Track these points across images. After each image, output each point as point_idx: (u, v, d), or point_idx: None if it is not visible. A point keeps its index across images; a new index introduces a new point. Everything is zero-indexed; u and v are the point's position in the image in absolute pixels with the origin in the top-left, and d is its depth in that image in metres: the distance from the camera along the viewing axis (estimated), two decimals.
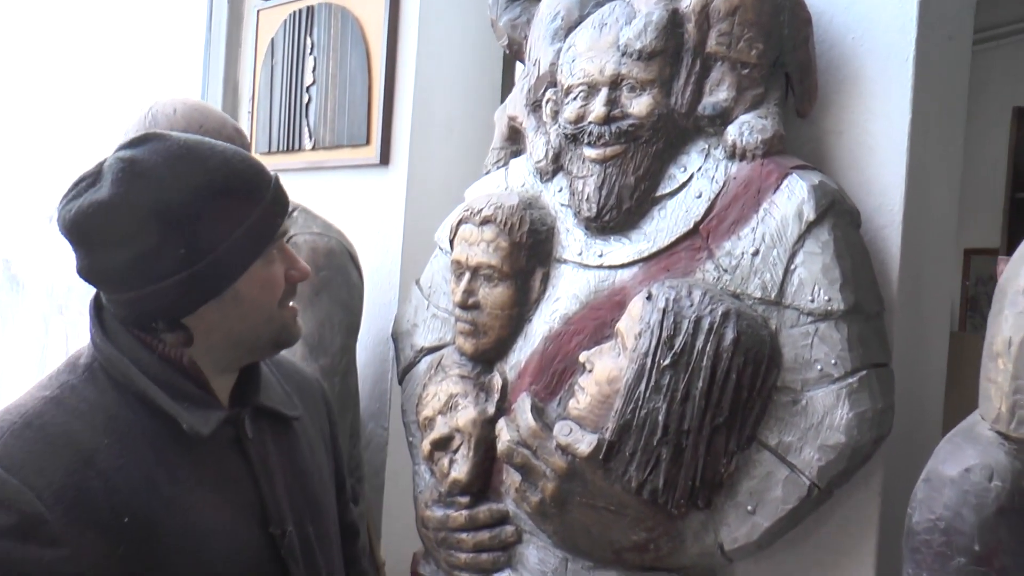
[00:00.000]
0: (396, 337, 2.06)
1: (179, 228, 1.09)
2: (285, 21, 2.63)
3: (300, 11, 2.59)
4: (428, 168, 2.46)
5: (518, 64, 2.14)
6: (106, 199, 1.08)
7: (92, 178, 1.12)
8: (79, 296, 3.36)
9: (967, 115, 1.79)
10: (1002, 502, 1.18)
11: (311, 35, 2.56)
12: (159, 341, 1.15)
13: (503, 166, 1.94)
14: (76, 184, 1.12)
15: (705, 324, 1.47)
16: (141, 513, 1.06)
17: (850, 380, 1.45)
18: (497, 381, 1.77)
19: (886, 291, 1.59)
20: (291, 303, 1.23)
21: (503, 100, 2.63)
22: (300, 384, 1.39)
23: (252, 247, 1.14)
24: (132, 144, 1.13)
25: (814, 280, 1.48)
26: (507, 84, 2.65)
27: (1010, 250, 3.42)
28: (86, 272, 1.15)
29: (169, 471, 1.11)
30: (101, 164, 1.13)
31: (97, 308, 1.20)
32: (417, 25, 2.39)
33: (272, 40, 2.68)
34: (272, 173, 1.19)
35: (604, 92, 1.63)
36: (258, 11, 2.73)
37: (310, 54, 2.56)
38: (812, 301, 1.47)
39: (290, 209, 1.23)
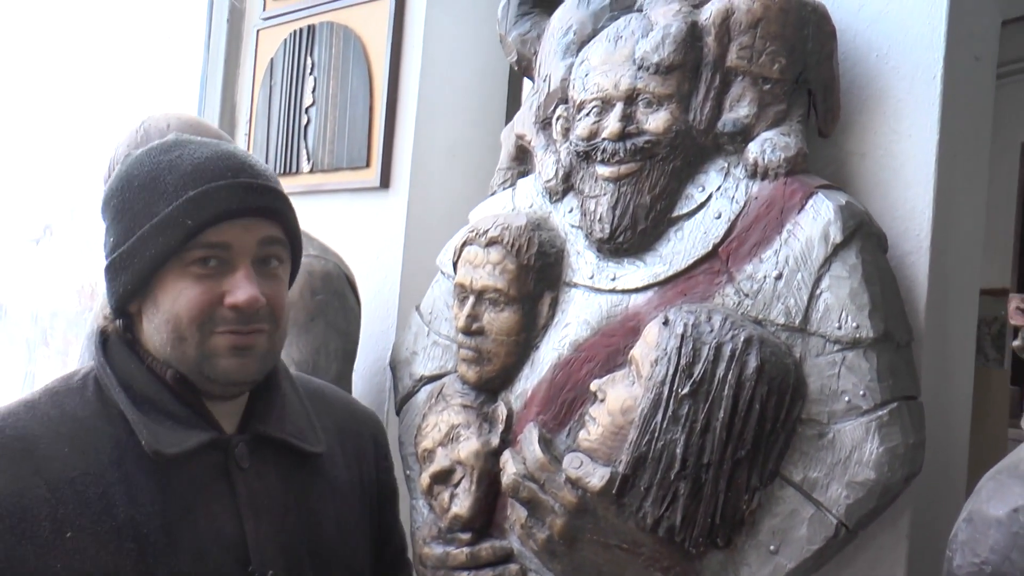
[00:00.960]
0: (394, 366, 1.97)
1: (113, 217, 1.09)
2: (285, 40, 2.57)
3: (301, 30, 2.53)
4: (429, 192, 2.38)
5: (525, 83, 2.08)
6: None
7: None
8: (65, 322, 3.26)
9: None
10: None
11: (312, 55, 2.50)
12: (147, 355, 1.07)
13: (510, 186, 1.86)
14: None
15: (726, 351, 1.38)
16: (88, 531, 0.99)
17: (880, 413, 1.36)
18: (502, 411, 1.68)
19: (912, 320, 1.51)
20: (231, 333, 1.08)
21: (508, 122, 2.58)
22: (344, 421, 1.27)
23: (155, 248, 1.05)
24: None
25: (841, 306, 1.39)
26: (512, 106, 2.58)
27: (1020, 289, 3.37)
28: None
29: (130, 491, 1.03)
30: None
31: (105, 319, 1.17)
32: (421, 45, 2.33)
33: (272, 60, 2.61)
34: (240, 178, 1.08)
35: (619, 107, 1.56)
36: (258, 30, 2.67)
37: (310, 74, 2.50)
38: (839, 328, 1.39)
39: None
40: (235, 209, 1.07)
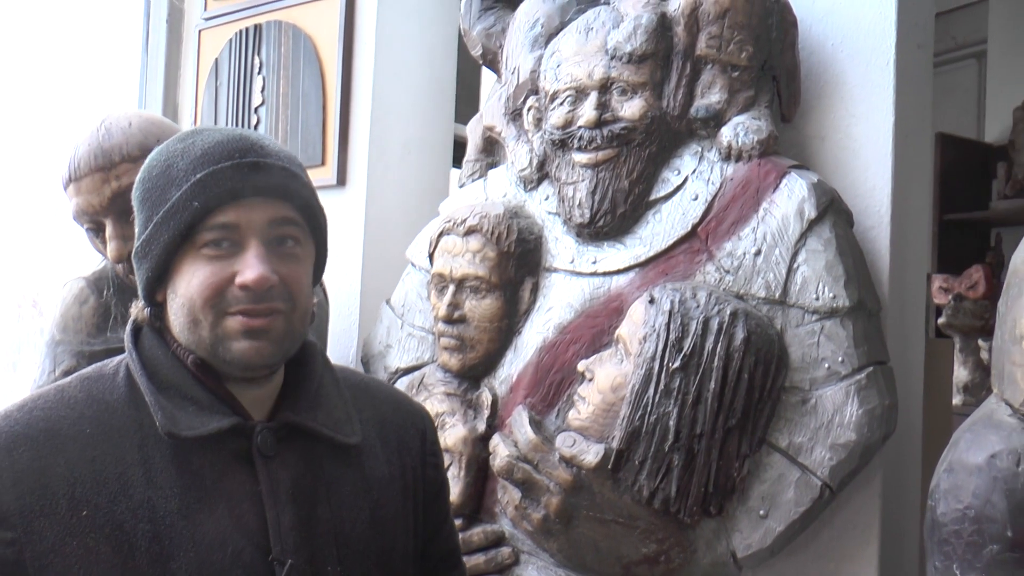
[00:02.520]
0: (367, 360, 1.97)
1: (137, 206, 1.10)
2: (231, 40, 2.54)
3: (247, 29, 2.50)
4: (386, 188, 2.39)
5: (483, 78, 2.11)
6: None
7: None
8: (32, 348, 3.13)
9: None
10: None
11: (259, 54, 2.48)
12: (173, 340, 1.07)
13: (479, 178, 1.89)
14: None
15: (714, 325, 1.44)
16: (104, 510, 1.00)
17: (858, 377, 1.44)
18: (486, 397, 1.71)
19: (877, 291, 1.60)
20: (242, 314, 1.06)
21: (457, 118, 2.61)
22: (389, 414, 1.24)
23: (168, 232, 1.05)
24: None
25: (818, 278, 1.47)
26: (461, 102, 2.61)
27: (940, 270, 3.52)
28: None
29: (148, 472, 1.02)
30: None
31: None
32: (374, 42, 2.34)
33: (216, 60, 2.57)
34: (244, 159, 1.07)
35: (594, 96, 1.61)
36: (200, 30, 2.63)
37: (258, 73, 2.47)
38: (817, 299, 1.47)
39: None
40: (240, 188, 1.06)
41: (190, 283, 1.06)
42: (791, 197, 1.50)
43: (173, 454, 1.04)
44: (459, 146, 2.61)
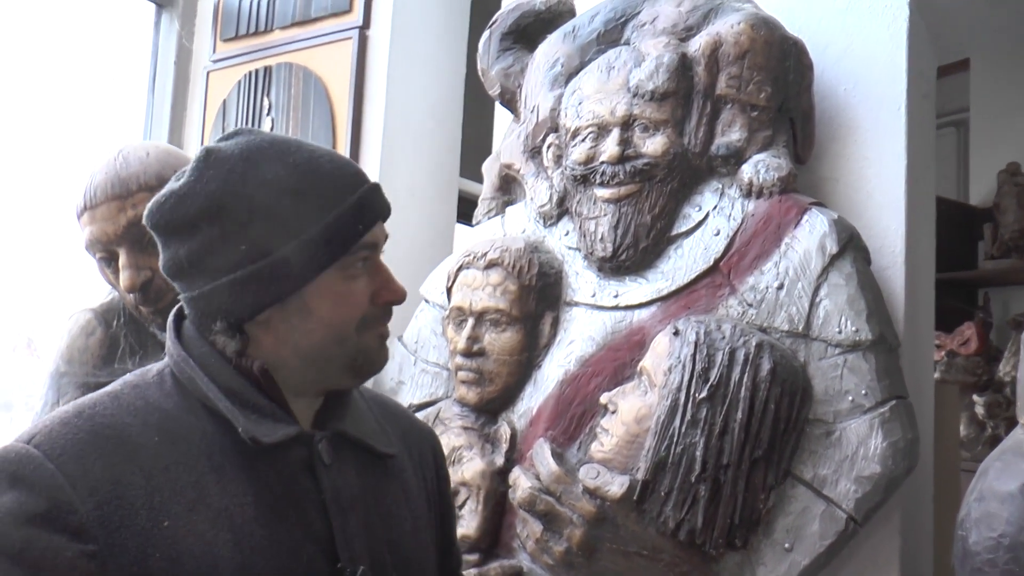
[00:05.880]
0: None
1: (244, 222, 1.02)
2: (240, 82, 2.56)
3: (257, 71, 2.53)
4: (394, 229, 2.39)
5: (497, 118, 2.14)
6: (178, 188, 1.03)
7: (180, 172, 1.06)
8: (28, 392, 3.06)
9: None
10: None
11: (268, 95, 2.50)
12: (234, 351, 1.05)
13: (496, 215, 1.91)
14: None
15: (740, 355, 1.46)
16: (184, 520, 0.96)
17: (882, 410, 1.46)
18: (505, 431, 1.70)
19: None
20: (380, 328, 1.11)
21: (460, 169, 2.64)
22: (406, 430, 1.26)
23: (322, 254, 1.04)
24: (223, 137, 1.08)
25: (840, 311, 1.49)
26: (466, 147, 2.64)
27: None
28: (163, 267, 1.07)
29: (222, 481, 1.00)
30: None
31: (178, 317, 1.11)
32: (385, 86, 2.37)
33: (224, 101, 2.59)
34: (369, 181, 1.11)
35: (616, 132, 1.64)
36: (208, 72, 2.65)
37: (267, 115, 2.49)
38: (840, 332, 1.49)
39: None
40: (382, 209, 1.10)
41: (338, 301, 1.06)
42: (812, 232, 1.53)
43: (242, 463, 1.02)
44: (462, 200, 2.65)
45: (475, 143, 2.80)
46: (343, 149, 2.36)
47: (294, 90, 2.46)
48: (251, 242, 1.02)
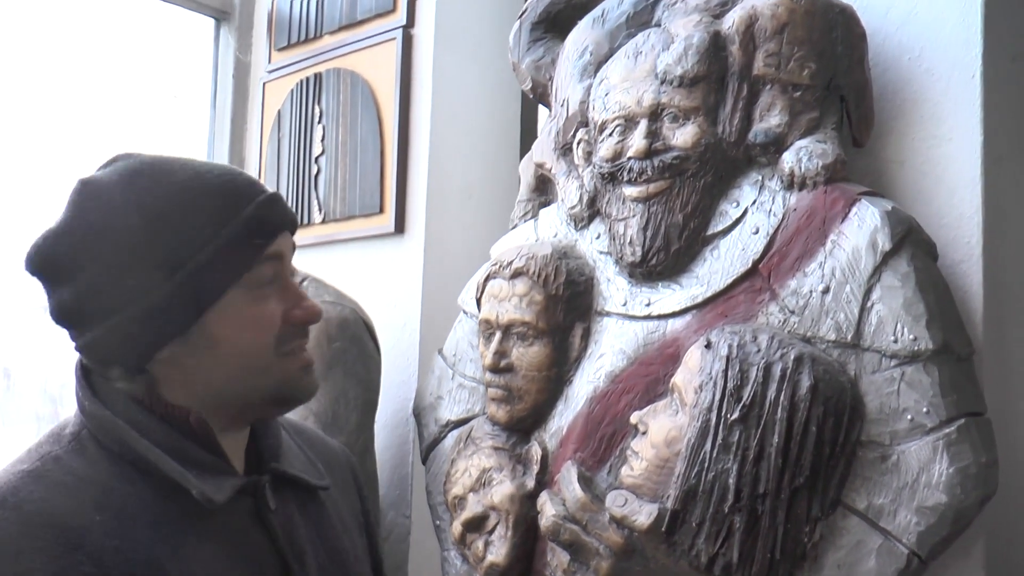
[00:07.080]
0: (418, 413, 1.87)
1: (131, 254, 0.94)
2: (292, 90, 2.53)
3: (308, 79, 2.49)
4: (446, 235, 2.32)
5: (541, 112, 2.02)
6: (56, 227, 0.97)
7: (58, 209, 0.99)
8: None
9: None
10: None
11: (319, 103, 2.46)
12: (158, 400, 0.97)
13: (531, 218, 1.79)
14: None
15: (776, 371, 1.29)
16: None
17: (947, 430, 1.26)
18: (536, 451, 1.59)
19: (970, 333, 1.41)
20: (301, 351, 1.03)
21: (522, 157, 2.52)
22: (326, 454, 1.20)
23: (218, 277, 0.95)
24: (102, 165, 1.01)
25: (895, 317, 1.30)
26: (526, 139, 2.53)
27: None
28: (51, 313, 1.00)
29: (174, 549, 0.93)
30: None
31: (85, 369, 1.03)
32: (431, 85, 2.29)
33: (279, 111, 2.58)
34: (267, 191, 1.02)
35: (643, 124, 1.49)
36: (264, 83, 2.64)
37: (319, 122, 2.45)
38: (895, 341, 1.30)
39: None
40: (287, 220, 1.03)
41: (247, 326, 0.98)
42: (862, 227, 1.34)
43: (190, 526, 0.95)
44: None
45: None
46: (391, 152, 2.30)
47: (343, 96, 2.40)
48: (139, 275, 0.94)
